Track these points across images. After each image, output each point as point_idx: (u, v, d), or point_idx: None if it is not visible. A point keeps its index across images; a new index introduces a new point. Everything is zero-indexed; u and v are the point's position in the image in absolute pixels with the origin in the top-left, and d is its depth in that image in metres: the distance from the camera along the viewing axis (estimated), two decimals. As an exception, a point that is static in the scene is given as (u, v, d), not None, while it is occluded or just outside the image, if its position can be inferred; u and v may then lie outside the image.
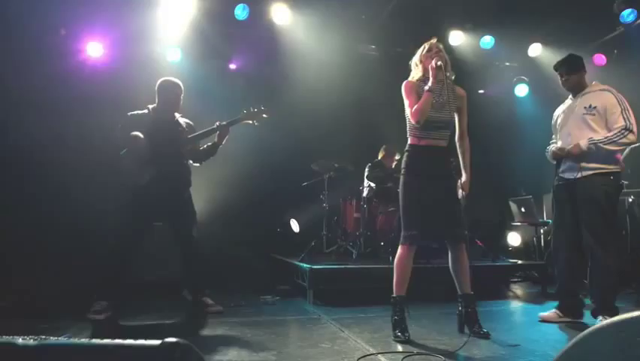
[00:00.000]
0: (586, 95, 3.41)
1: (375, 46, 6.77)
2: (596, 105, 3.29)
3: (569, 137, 3.41)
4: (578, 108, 3.40)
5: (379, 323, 3.28)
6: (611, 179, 3.26)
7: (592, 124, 3.29)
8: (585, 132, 3.30)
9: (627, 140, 3.17)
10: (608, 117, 3.25)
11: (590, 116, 3.30)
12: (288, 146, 6.10)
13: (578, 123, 3.37)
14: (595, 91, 3.38)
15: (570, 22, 5.87)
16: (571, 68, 3.50)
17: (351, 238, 5.47)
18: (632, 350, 0.86)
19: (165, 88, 3.78)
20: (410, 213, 3.02)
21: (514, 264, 5.35)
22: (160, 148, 3.59)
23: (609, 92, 3.33)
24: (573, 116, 3.42)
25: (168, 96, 3.77)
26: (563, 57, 3.62)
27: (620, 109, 3.22)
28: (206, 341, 2.83)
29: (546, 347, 2.69)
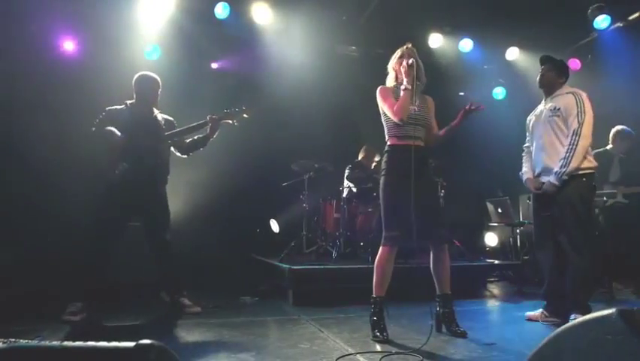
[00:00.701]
0: (554, 98, 3.53)
1: (356, 47, 6.80)
2: (560, 107, 3.42)
3: (540, 139, 3.54)
4: (546, 111, 3.53)
5: (358, 323, 3.29)
6: (584, 180, 3.35)
7: (558, 125, 3.42)
8: (552, 135, 3.43)
9: (581, 144, 3.28)
10: (567, 117, 3.38)
11: (556, 118, 3.43)
12: (268, 146, 6.08)
13: (546, 126, 3.50)
14: (562, 94, 3.50)
15: (546, 27, 5.99)
16: (552, 66, 3.60)
17: (331, 239, 5.48)
18: (602, 348, 0.89)
19: (142, 82, 3.74)
20: (391, 214, 3.04)
21: (491, 264, 5.44)
22: (137, 143, 3.55)
23: (572, 94, 3.44)
24: (542, 119, 3.55)
25: (145, 91, 3.73)
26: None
27: (577, 110, 3.34)
28: (184, 343, 2.79)
29: (521, 346, 2.75)
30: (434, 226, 3.07)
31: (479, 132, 6.87)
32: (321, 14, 5.77)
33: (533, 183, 3.60)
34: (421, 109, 3.13)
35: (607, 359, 0.88)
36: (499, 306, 4.38)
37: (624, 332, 0.84)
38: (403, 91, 3.00)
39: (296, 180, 5.74)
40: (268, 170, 6.03)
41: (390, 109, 3.04)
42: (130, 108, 3.71)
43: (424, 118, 3.13)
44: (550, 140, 3.44)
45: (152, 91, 3.76)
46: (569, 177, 3.33)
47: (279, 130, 6.15)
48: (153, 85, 3.77)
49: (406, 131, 3.07)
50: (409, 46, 3.17)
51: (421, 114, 3.10)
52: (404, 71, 3.02)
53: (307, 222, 5.64)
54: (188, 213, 5.66)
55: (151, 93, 3.76)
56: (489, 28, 6.18)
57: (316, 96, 6.06)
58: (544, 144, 3.49)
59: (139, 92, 3.74)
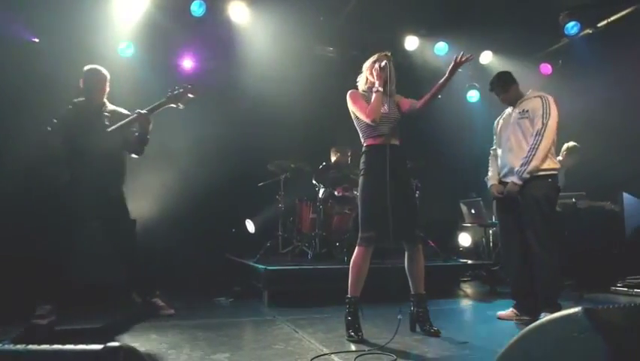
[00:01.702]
0: (523, 102, 3.64)
1: (333, 48, 6.82)
2: (528, 109, 3.54)
3: (508, 141, 3.64)
4: (515, 114, 3.64)
5: (334, 323, 3.30)
6: (549, 181, 3.45)
7: (525, 127, 3.52)
8: (520, 136, 3.54)
9: (543, 144, 3.38)
10: (533, 119, 3.49)
11: (524, 120, 3.54)
12: (243, 145, 6.03)
13: (514, 128, 3.60)
14: (530, 98, 3.62)
15: (519, 33, 6.13)
16: (502, 89, 3.74)
17: (307, 239, 5.47)
18: (568, 345, 0.91)
19: (87, 77, 3.58)
20: (368, 214, 3.06)
21: (465, 264, 5.53)
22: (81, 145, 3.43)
23: (540, 97, 3.55)
24: (512, 122, 3.65)
25: (89, 86, 3.57)
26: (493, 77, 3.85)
27: (542, 112, 3.45)
28: (157, 345, 2.75)
29: (493, 344, 2.80)
30: (409, 227, 3.11)
31: (454, 134, 7.00)
32: (298, 14, 5.77)
33: (497, 188, 3.69)
34: (392, 109, 3.17)
35: (573, 355, 0.91)
36: (472, 305, 4.45)
37: (589, 330, 0.87)
38: (375, 93, 3.03)
39: (272, 180, 5.72)
40: (244, 170, 5.99)
41: (362, 111, 3.08)
42: (75, 107, 3.57)
43: (396, 118, 3.17)
44: (518, 141, 3.55)
45: (96, 84, 3.58)
46: (533, 178, 3.42)
47: (255, 129, 6.11)
48: (98, 78, 3.59)
49: (380, 130, 3.10)
50: (387, 54, 3.20)
51: (393, 114, 3.15)
52: (376, 73, 3.06)
53: (283, 222, 5.63)
54: (163, 212, 5.58)
55: (95, 87, 3.58)
56: (464, 32, 6.29)
57: (293, 96, 6.05)
58: (511, 145, 3.59)
59: (84, 87, 3.56)
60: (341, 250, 5.03)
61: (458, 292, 5.12)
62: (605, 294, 4.69)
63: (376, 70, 3.07)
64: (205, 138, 5.61)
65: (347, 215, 5.25)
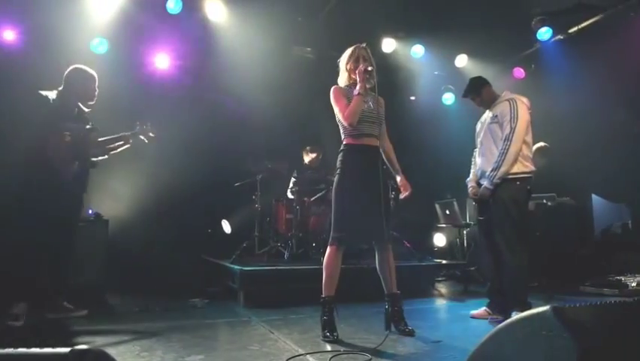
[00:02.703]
0: (496, 106, 3.69)
1: (311, 48, 6.82)
2: (497, 114, 3.60)
3: (481, 146, 3.72)
4: (487, 119, 3.71)
5: (309, 324, 3.30)
6: (517, 184, 3.50)
7: (497, 131, 3.57)
8: (491, 141, 3.60)
9: (511, 153, 3.42)
10: (502, 123, 3.54)
11: (494, 125, 3.60)
12: (219, 145, 5.98)
13: (486, 133, 3.67)
14: (502, 101, 3.66)
15: (493, 37, 6.24)
16: (475, 92, 3.80)
17: (284, 240, 5.45)
18: (538, 342, 0.93)
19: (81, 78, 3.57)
20: (341, 213, 3.07)
21: (439, 264, 5.60)
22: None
23: (509, 100, 3.59)
24: (484, 127, 3.72)
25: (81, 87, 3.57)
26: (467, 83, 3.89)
27: (509, 117, 3.49)
28: (129, 347, 2.70)
29: (466, 343, 2.84)
30: (379, 227, 3.13)
31: (429, 136, 7.08)
32: (276, 14, 5.74)
33: (473, 190, 3.76)
34: (375, 108, 3.18)
35: (542, 352, 0.93)
36: (446, 305, 4.51)
37: (557, 328, 0.89)
38: (355, 96, 3.03)
39: (248, 180, 5.68)
40: (220, 170, 5.94)
41: (341, 112, 3.07)
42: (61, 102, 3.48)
43: (379, 116, 3.18)
44: (489, 146, 3.62)
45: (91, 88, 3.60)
46: (503, 181, 3.49)
47: (231, 129, 6.06)
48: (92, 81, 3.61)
49: (361, 129, 3.11)
50: (363, 45, 3.19)
51: (376, 111, 3.16)
52: (359, 76, 3.03)
53: (259, 223, 5.60)
54: (137, 213, 5.48)
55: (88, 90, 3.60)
56: (440, 35, 6.37)
57: (270, 96, 6.02)
58: (484, 150, 3.67)
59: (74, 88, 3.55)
60: (318, 250, 5.04)
61: (433, 292, 5.18)
62: (574, 293, 4.81)
63: (360, 72, 3.03)
64: (180, 137, 5.53)
65: (324, 215, 5.25)
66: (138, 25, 5.55)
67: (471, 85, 3.84)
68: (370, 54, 3.17)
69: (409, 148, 6.67)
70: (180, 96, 5.80)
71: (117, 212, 5.26)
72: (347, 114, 3.03)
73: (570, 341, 0.87)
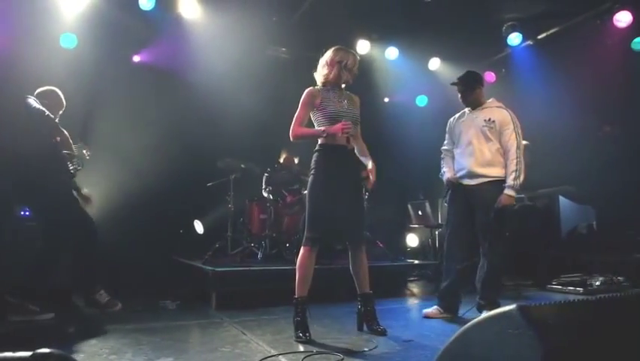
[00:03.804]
0: (485, 110, 3.71)
1: (286, 48, 6.80)
2: (495, 120, 3.62)
3: (470, 145, 3.69)
4: (478, 120, 3.69)
5: (282, 325, 3.29)
6: (503, 186, 3.55)
7: (489, 135, 3.61)
8: (484, 143, 3.62)
9: (523, 159, 3.56)
10: (502, 132, 3.59)
11: (489, 129, 3.62)
12: (192, 144, 5.90)
13: (477, 134, 3.66)
14: (493, 107, 3.72)
15: (465, 41, 6.36)
16: (467, 86, 3.78)
17: (257, 240, 5.42)
18: (505, 340, 0.95)
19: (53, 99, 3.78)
20: (315, 214, 3.07)
21: (412, 264, 5.67)
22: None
23: (505, 109, 3.69)
24: (474, 128, 3.70)
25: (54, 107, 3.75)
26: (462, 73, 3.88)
27: (513, 126, 3.59)
28: (97, 350, 2.63)
29: (436, 342, 2.89)
30: (353, 228, 3.15)
31: (403, 137, 7.16)
32: (251, 13, 5.70)
33: (455, 180, 3.76)
34: (350, 107, 3.20)
35: (509, 350, 0.95)
36: (418, 304, 4.56)
37: (522, 326, 0.91)
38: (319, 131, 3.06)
39: (221, 180, 5.62)
40: (192, 169, 5.86)
41: (295, 122, 3.11)
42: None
43: (353, 115, 3.19)
44: (481, 148, 3.62)
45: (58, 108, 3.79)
46: (488, 182, 3.56)
47: (204, 128, 5.99)
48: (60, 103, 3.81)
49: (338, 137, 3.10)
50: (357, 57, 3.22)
51: (351, 111, 3.17)
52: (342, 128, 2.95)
53: (232, 223, 5.54)
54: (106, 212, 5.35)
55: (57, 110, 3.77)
56: (414, 38, 6.46)
57: (244, 95, 5.97)
58: (473, 150, 3.64)
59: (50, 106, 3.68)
60: (291, 250, 5.02)
61: (405, 292, 5.24)
62: (541, 292, 4.94)
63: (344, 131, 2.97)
64: (152, 135, 5.44)
65: (297, 215, 5.24)
66: (110, 20, 5.42)
67: (468, 77, 3.80)
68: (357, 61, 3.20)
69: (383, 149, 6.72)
70: (151, 94, 5.70)
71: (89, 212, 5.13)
72: (296, 131, 3.09)
73: (535, 339, 0.89)
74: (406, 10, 5.89)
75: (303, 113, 3.14)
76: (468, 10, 5.81)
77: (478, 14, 5.98)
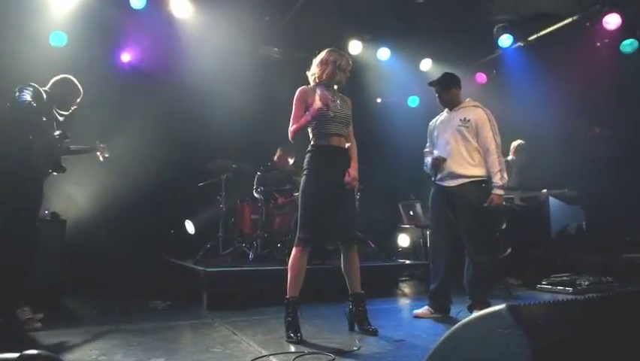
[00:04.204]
0: (462, 110, 3.75)
1: (279, 48, 6.79)
2: (470, 119, 3.65)
3: (447, 145, 3.72)
4: (454, 120, 3.73)
5: (273, 325, 3.28)
6: (483, 186, 3.60)
7: (466, 134, 3.64)
8: (461, 143, 3.65)
9: (504, 159, 3.62)
10: (479, 131, 3.63)
11: (465, 128, 3.65)
12: (183, 144, 5.88)
13: (454, 134, 3.69)
14: (469, 107, 3.76)
15: (457, 42, 6.40)
16: (443, 86, 3.83)
17: (248, 240, 5.41)
18: (494, 340, 0.96)
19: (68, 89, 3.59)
20: (307, 215, 3.07)
21: (403, 264, 5.68)
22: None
23: (481, 108, 3.72)
24: (450, 128, 3.74)
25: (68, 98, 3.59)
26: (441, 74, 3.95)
27: (489, 125, 3.62)
28: (86, 351, 2.61)
29: (428, 341, 2.90)
30: (345, 228, 3.15)
31: (395, 138, 7.18)
32: (243, 12, 5.69)
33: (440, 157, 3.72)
34: (343, 107, 3.21)
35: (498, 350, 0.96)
36: (409, 304, 4.57)
37: (511, 326, 0.92)
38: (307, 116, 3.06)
39: (213, 180, 5.60)
40: (183, 169, 5.83)
41: (292, 121, 3.12)
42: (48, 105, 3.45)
43: (346, 115, 3.21)
44: (458, 148, 3.65)
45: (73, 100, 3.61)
46: (469, 183, 3.58)
47: (196, 128, 5.97)
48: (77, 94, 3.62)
49: (329, 129, 3.12)
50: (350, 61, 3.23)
51: (343, 112, 3.19)
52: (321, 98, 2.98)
53: (224, 223, 5.53)
54: (98, 212, 5.33)
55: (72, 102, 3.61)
56: (406, 39, 6.48)
57: (235, 95, 5.96)
58: (451, 150, 3.67)
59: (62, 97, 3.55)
60: (283, 251, 5.01)
61: (396, 292, 5.25)
62: (531, 291, 4.97)
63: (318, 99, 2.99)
64: (143, 135, 5.40)
65: (289, 215, 5.24)
66: (99, 19, 5.39)
67: (444, 78, 3.85)
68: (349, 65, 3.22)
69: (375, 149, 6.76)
70: (143, 94, 5.66)
71: (77, 212, 5.10)
72: (292, 129, 3.10)
73: (524, 338, 0.90)
74: (398, 11, 5.91)
75: (298, 112, 3.13)
76: (459, 12, 5.84)
77: (470, 16, 6.02)
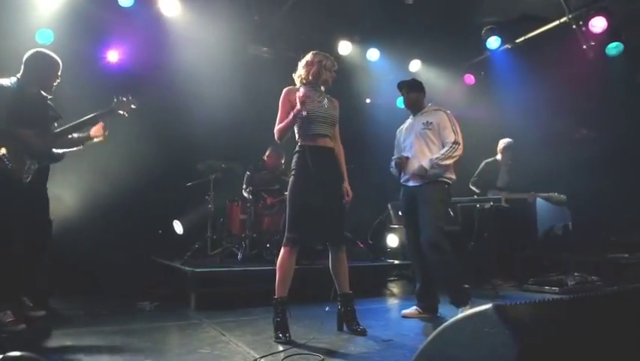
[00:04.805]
0: (425, 114, 3.86)
1: (268, 48, 6.78)
2: (432, 121, 3.75)
3: (412, 148, 3.81)
4: (417, 125, 3.83)
5: (262, 325, 3.27)
6: (445, 187, 3.70)
7: (430, 136, 3.73)
8: (424, 145, 3.73)
9: (458, 153, 3.65)
10: (441, 132, 3.72)
11: (428, 131, 3.74)
12: (172, 144, 5.83)
13: (418, 137, 3.78)
14: (431, 111, 3.86)
15: (446, 44, 6.44)
16: (410, 88, 3.94)
17: (237, 240, 5.38)
18: (481, 339, 0.96)
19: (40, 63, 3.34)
20: (296, 214, 3.07)
21: (392, 264, 5.70)
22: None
23: (442, 111, 3.82)
24: (414, 132, 3.83)
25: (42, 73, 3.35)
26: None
27: (450, 125, 3.72)
28: (71, 353, 2.58)
29: (416, 341, 2.92)
30: (334, 228, 3.16)
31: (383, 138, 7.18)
32: (232, 11, 5.67)
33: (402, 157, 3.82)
34: (329, 108, 3.22)
35: (485, 349, 0.96)
36: (398, 304, 4.59)
37: (498, 325, 0.92)
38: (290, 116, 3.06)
39: (201, 180, 5.57)
40: (172, 169, 5.79)
41: (278, 122, 3.14)
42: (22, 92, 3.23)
43: (331, 116, 3.21)
44: (422, 149, 3.73)
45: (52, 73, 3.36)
46: (432, 182, 3.63)
47: (184, 128, 5.92)
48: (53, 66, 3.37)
49: (316, 129, 3.12)
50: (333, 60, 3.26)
51: (329, 112, 3.19)
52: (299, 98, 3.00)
53: (212, 223, 5.50)
54: (85, 212, 5.26)
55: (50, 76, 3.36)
56: (395, 40, 6.51)
57: (225, 95, 5.92)
58: (415, 152, 3.75)
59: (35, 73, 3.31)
60: (271, 251, 5.00)
61: (385, 291, 5.27)
62: (518, 291, 5.02)
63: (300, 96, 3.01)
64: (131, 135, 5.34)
65: (278, 216, 5.22)
66: (87, 16, 5.33)
67: (412, 83, 3.98)
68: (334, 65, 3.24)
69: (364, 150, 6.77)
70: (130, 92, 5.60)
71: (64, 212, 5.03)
72: (278, 129, 3.13)
73: (510, 337, 0.90)
74: (388, 12, 5.94)
75: (284, 112, 3.16)
76: (448, 14, 5.88)
77: (458, 17, 6.07)
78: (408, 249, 3.92)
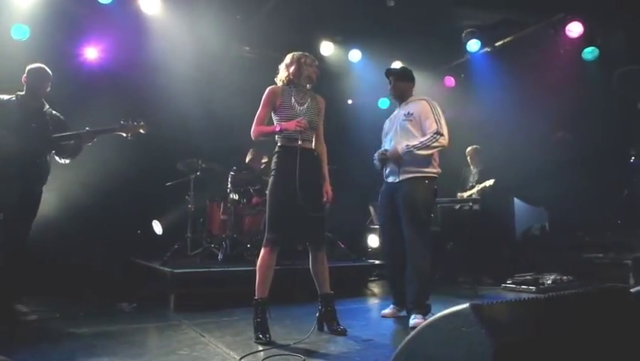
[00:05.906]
0: (408, 104, 3.71)
1: (250, 47, 6.74)
2: (413, 112, 3.61)
3: (392, 141, 3.70)
4: (399, 116, 3.71)
5: (242, 326, 3.25)
6: (426, 183, 3.55)
7: (410, 128, 3.57)
8: (404, 136, 3.59)
9: (438, 143, 3.45)
10: (423, 122, 3.55)
11: (409, 122, 3.59)
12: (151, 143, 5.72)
13: (398, 129, 3.65)
14: (414, 101, 3.72)
15: (427, 46, 6.50)
16: (400, 77, 3.80)
17: (217, 241, 5.34)
18: (458, 338, 0.97)
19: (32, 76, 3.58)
20: (275, 215, 3.06)
21: (372, 264, 5.72)
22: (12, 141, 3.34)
23: (424, 100, 3.66)
24: (395, 124, 3.72)
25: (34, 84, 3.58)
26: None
27: (433, 114, 3.54)
28: (47, 355, 2.53)
29: (395, 340, 2.94)
30: (313, 229, 3.15)
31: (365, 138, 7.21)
32: (214, 10, 5.62)
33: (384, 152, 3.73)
34: (310, 110, 3.19)
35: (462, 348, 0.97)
36: (378, 304, 4.61)
37: (475, 324, 0.93)
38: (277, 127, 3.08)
39: (181, 179, 5.51)
40: (151, 168, 5.71)
41: (256, 121, 3.14)
42: (19, 100, 3.53)
43: (312, 121, 3.18)
44: (401, 143, 3.57)
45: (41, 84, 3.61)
46: (412, 179, 3.52)
47: (164, 127, 5.83)
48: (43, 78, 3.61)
49: (295, 135, 3.11)
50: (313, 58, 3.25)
51: (309, 117, 3.16)
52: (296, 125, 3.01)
53: (192, 223, 5.44)
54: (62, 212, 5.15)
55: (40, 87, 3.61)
56: (377, 42, 6.54)
57: (205, 94, 5.88)
58: (396, 145, 3.62)
59: (28, 85, 3.57)
60: (252, 251, 4.97)
61: (366, 292, 5.28)
62: (496, 291, 5.09)
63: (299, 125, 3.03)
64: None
65: (259, 216, 5.20)
66: (64, 12, 5.22)
67: (401, 71, 3.86)
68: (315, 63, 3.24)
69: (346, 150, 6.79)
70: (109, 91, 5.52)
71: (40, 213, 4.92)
72: (255, 130, 3.13)
73: (486, 337, 0.91)
74: (370, 13, 5.97)
75: (264, 112, 3.15)
76: (429, 16, 5.94)
77: (439, 20, 6.13)
78: (382, 246, 3.87)
